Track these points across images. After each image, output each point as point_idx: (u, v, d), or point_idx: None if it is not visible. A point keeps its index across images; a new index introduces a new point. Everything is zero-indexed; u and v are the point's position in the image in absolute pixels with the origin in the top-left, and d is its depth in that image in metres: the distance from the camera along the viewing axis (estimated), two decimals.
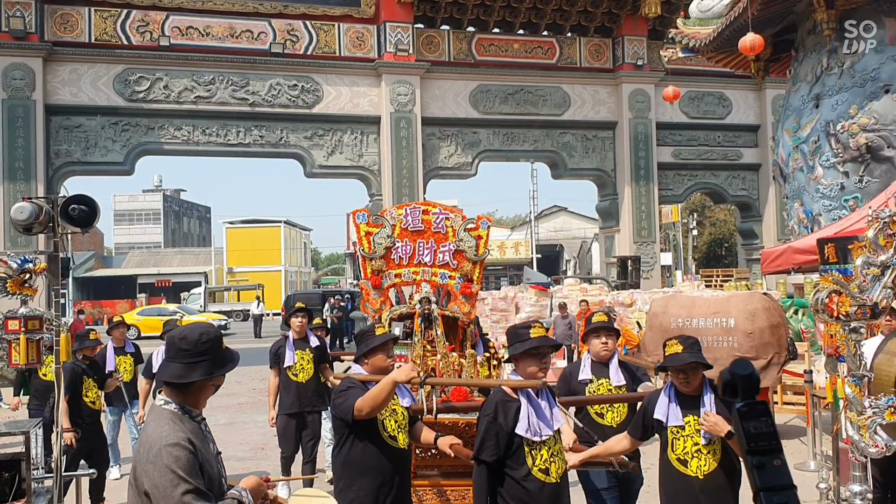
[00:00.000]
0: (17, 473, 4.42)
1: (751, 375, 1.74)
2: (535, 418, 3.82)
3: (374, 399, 3.96)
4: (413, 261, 6.53)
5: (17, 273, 3.86)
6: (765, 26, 12.63)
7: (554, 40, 22.16)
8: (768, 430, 1.70)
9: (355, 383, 4.21)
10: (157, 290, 52.59)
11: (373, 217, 6.53)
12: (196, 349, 2.77)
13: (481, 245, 6.57)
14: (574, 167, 22.27)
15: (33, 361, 3.87)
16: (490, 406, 3.88)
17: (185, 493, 2.55)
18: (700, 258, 48.90)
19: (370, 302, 6.41)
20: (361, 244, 6.50)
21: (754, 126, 23.56)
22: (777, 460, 1.67)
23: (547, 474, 3.81)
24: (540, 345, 3.88)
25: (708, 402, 3.94)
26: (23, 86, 17.90)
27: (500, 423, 3.79)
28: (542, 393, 3.94)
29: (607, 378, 5.13)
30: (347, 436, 4.15)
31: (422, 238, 6.55)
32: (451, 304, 6.51)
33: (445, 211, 6.67)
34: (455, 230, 6.55)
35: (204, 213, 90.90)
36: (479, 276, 6.66)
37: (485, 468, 3.81)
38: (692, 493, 3.94)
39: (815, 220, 12.32)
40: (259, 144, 20.05)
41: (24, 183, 17.77)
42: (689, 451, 3.96)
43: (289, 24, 20.00)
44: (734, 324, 9.47)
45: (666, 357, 4.07)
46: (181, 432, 2.68)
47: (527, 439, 3.77)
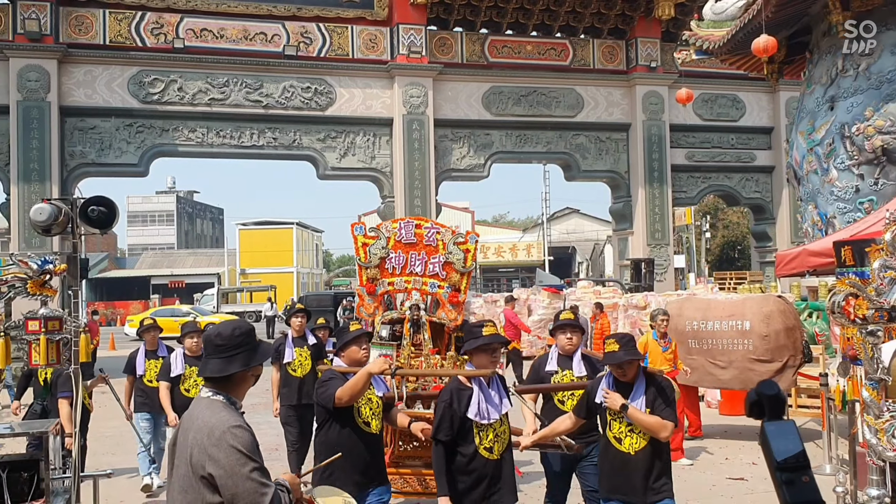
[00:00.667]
0: (35, 473, 4.46)
1: (777, 395, 1.74)
2: (484, 404, 4.42)
3: (351, 389, 4.55)
4: (405, 270, 7.20)
5: (37, 274, 3.89)
6: (779, 28, 12.60)
7: (567, 42, 22.14)
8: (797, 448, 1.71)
9: (336, 375, 4.80)
10: (171, 291, 52.83)
11: (370, 229, 7.24)
12: (231, 343, 2.90)
13: (469, 258, 7.25)
14: (587, 169, 22.23)
15: (53, 362, 3.91)
16: (447, 393, 4.50)
17: (252, 469, 2.67)
18: (713, 261, 48.71)
19: (364, 307, 7.04)
20: (358, 254, 7.20)
21: (768, 128, 23.47)
22: (806, 476, 1.68)
23: (491, 452, 4.42)
24: (490, 341, 4.49)
25: (639, 389, 4.52)
26: (38, 87, 18.02)
27: (454, 408, 4.40)
28: (493, 382, 4.54)
29: (571, 369, 5.73)
30: (328, 420, 4.73)
31: (414, 250, 7.21)
32: (439, 312, 7.18)
33: (436, 226, 7.45)
34: (445, 244, 7.24)
35: (217, 215, 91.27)
36: (465, 286, 7.32)
37: (441, 447, 4.40)
38: (626, 466, 4.49)
39: (830, 223, 12.27)
40: (272, 146, 20.11)
41: (39, 184, 17.89)
42: (623, 431, 4.51)
43: (302, 26, 20.07)
44: (749, 326, 9.44)
45: (605, 355, 4.59)
46: (239, 417, 2.82)
47: (476, 422, 4.38)
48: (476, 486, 4.40)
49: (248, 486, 2.64)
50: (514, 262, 54.23)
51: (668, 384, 4.76)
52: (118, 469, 6.58)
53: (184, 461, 2.78)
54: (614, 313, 16.92)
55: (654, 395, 4.52)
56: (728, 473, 8.45)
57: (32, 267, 3.89)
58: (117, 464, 7.75)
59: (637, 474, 4.47)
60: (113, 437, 10.81)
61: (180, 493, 2.77)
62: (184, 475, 2.77)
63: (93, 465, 7.56)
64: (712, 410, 11.98)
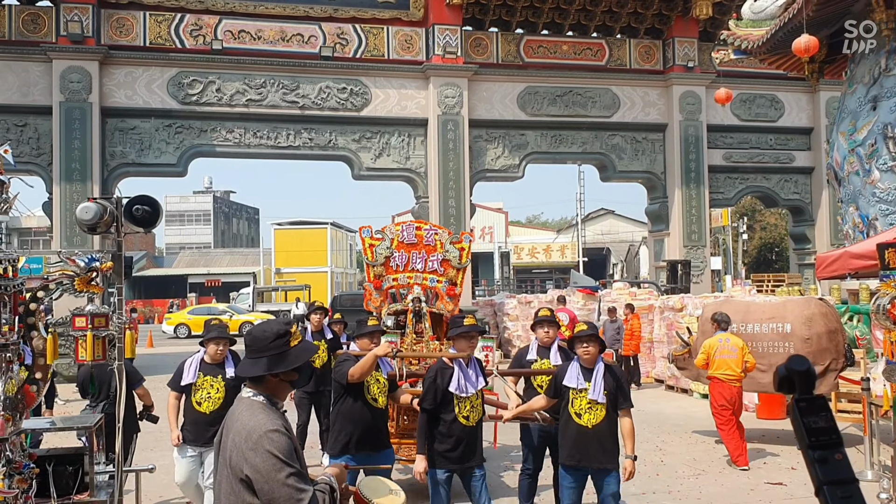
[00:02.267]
0: (80, 467, 4.54)
1: (807, 371, 1.71)
2: (463, 380, 5.41)
3: (361, 367, 5.58)
4: (408, 267, 8.11)
5: (84, 271, 3.96)
6: (820, 27, 12.42)
7: (603, 42, 22.02)
8: (828, 425, 1.68)
9: (350, 357, 5.90)
10: (207, 289, 53.45)
11: (375, 232, 8.23)
12: (257, 345, 2.89)
13: (464, 255, 8.23)
14: (623, 169, 22.09)
15: (99, 358, 3.98)
16: (432, 371, 5.55)
17: (288, 475, 2.67)
18: (750, 263, 48.14)
19: (372, 300, 7.96)
20: (366, 254, 8.15)
21: (807, 129, 23.13)
22: (838, 454, 1.65)
23: (468, 420, 5.41)
24: (469, 329, 5.55)
25: (597, 373, 5.46)
26: (80, 88, 18.34)
27: (437, 383, 5.41)
28: (472, 363, 5.56)
29: (548, 358, 6.69)
30: (342, 395, 5.78)
31: (415, 249, 8.12)
32: (438, 303, 8.13)
33: (434, 228, 8.45)
34: (442, 243, 8.18)
35: (253, 215, 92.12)
36: (461, 281, 8.26)
37: (425, 414, 5.42)
38: (584, 438, 5.43)
39: (871, 225, 12.06)
40: (308, 147, 20.25)
41: (81, 184, 18.19)
42: (583, 408, 5.47)
43: (339, 27, 20.18)
44: (791, 329, 9.32)
45: (576, 332, 5.58)
46: (278, 420, 2.81)
47: (456, 395, 5.37)
48: (455, 447, 5.34)
49: (284, 492, 2.65)
50: (547, 263, 54.04)
51: (622, 372, 5.93)
52: (160, 464, 6.66)
53: (225, 463, 2.81)
54: (650, 315, 16.77)
55: (612, 381, 5.49)
56: (766, 478, 8.35)
57: (80, 264, 3.97)
58: (157, 459, 7.85)
59: (594, 444, 5.42)
60: (154, 433, 10.96)
61: (225, 496, 2.80)
62: (226, 477, 2.80)
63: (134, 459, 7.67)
64: (749, 414, 11.84)
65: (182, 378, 6.41)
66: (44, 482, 4.28)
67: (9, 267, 3.77)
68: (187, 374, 6.40)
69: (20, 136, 18.30)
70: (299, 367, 2.94)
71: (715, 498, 7.67)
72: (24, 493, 3.73)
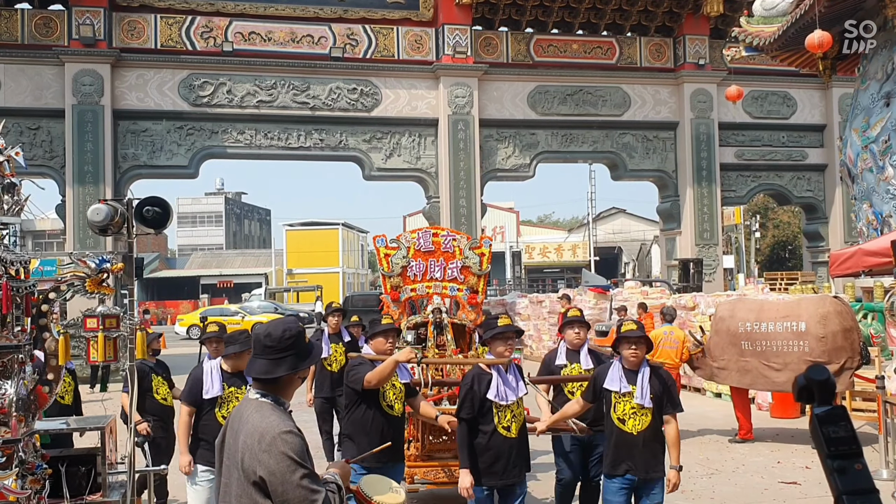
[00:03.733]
0: (93, 468, 4.56)
1: (827, 381, 1.70)
2: (502, 387, 4.97)
3: (379, 374, 5.10)
4: (426, 277, 7.67)
5: (95, 272, 3.98)
6: (832, 23, 12.34)
7: (614, 40, 21.96)
8: (848, 434, 1.67)
9: (364, 361, 5.38)
10: (219, 290, 53.66)
11: (390, 240, 7.73)
12: (280, 345, 2.89)
13: (484, 261, 7.73)
14: (634, 168, 22.02)
15: (110, 358, 4.00)
16: (469, 377, 5.12)
17: (302, 476, 2.68)
18: (763, 261, 47.91)
19: (390, 313, 7.27)
20: (381, 264, 7.68)
21: (820, 126, 22.98)
22: (858, 464, 1.63)
23: (508, 431, 4.99)
24: (505, 330, 5.13)
25: (643, 375, 5.05)
26: (92, 91, 18.43)
27: (475, 390, 4.97)
28: (511, 368, 5.11)
29: (579, 363, 6.27)
30: (356, 401, 5.32)
31: (433, 257, 7.68)
32: (459, 313, 7.65)
33: (452, 233, 7.97)
34: (461, 249, 7.71)
35: (264, 216, 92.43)
36: (483, 288, 7.76)
37: (464, 424, 5.00)
38: (629, 445, 5.04)
39: (885, 222, 11.99)
40: (319, 147, 20.28)
41: (93, 186, 18.29)
42: (627, 413, 5.07)
43: (348, 28, 20.21)
44: (805, 328, 9.24)
45: (622, 332, 5.14)
46: (289, 420, 2.83)
47: (495, 403, 4.94)
48: (496, 461, 4.94)
49: (298, 494, 2.66)
50: (559, 262, 53.97)
51: (669, 376, 5.33)
52: (172, 465, 6.68)
53: (235, 465, 2.79)
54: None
55: (659, 386, 5.07)
56: (780, 477, 8.31)
57: (91, 266, 3.98)
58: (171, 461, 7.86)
59: (638, 451, 5.02)
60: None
61: (236, 498, 2.79)
62: (237, 480, 2.78)
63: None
64: (763, 413, 11.78)
65: (204, 390, 5.62)
66: (57, 483, 4.30)
67: (21, 269, 3.79)
68: (210, 385, 5.63)
69: (33, 139, 18.41)
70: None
71: (728, 497, 7.63)
72: (37, 494, 3.75)
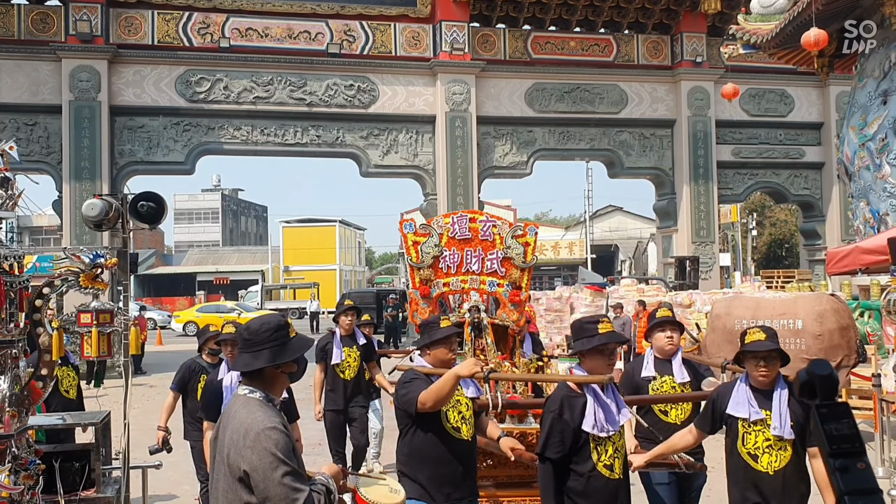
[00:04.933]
0: (87, 463, 4.54)
1: (830, 376, 1.67)
2: (601, 414, 3.73)
3: (437, 393, 3.95)
4: (461, 269, 6.50)
5: (89, 268, 3.97)
6: (829, 21, 12.34)
7: (611, 38, 21.95)
8: (850, 432, 1.63)
9: (419, 375, 4.20)
10: (216, 287, 53.54)
11: (420, 226, 6.44)
12: (257, 338, 2.88)
13: (529, 252, 6.50)
14: (631, 166, 22.03)
15: (104, 354, 3.98)
16: (556, 401, 3.80)
17: (284, 474, 2.66)
18: (760, 259, 47.94)
19: (419, 312, 6.32)
20: (409, 254, 6.46)
21: (817, 124, 23.01)
22: (861, 463, 1.60)
23: (611, 470, 3.77)
24: (608, 341, 3.81)
25: (780, 398, 3.94)
26: (89, 87, 18.40)
27: (565, 420, 3.72)
28: (608, 388, 3.85)
29: (671, 375, 5.03)
30: (410, 426, 4.16)
31: (469, 246, 6.50)
32: (499, 312, 6.49)
33: (493, 218, 6.61)
34: (502, 237, 6.50)
35: (261, 213, 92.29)
36: (527, 283, 6.57)
37: (550, 465, 3.76)
38: (764, 486, 3.93)
39: (882, 220, 12.00)
40: (316, 144, 20.28)
41: (90, 182, 18.26)
42: (759, 447, 3.95)
43: (345, 24, 20.18)
44: (802, 325, 9.24)
45: (747, 344, 4.02)
46: (275, 417, 2.80)
47: (593, 435, 3.71)
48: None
49: (279, 491, 2.64)
50: (556, 259, 53.94)
51: None
52: (166, 461, 6.66)
53: (223, 461, 2.79)
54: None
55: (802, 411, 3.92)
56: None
57: (84, 261, 3.97)
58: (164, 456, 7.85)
59: (776, 495, 3.92)
60: None
61: (222, 494, 2.79)
62: (224, 475, 2.78)
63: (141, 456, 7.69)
64: None
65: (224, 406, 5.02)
66: (50, 478, 4.29)
67: (15, 264, 3.78)
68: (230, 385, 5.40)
69: (30, 134, 18.39)
70: (298, 359, 2.94)
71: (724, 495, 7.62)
72: (31, 490, 3.74)
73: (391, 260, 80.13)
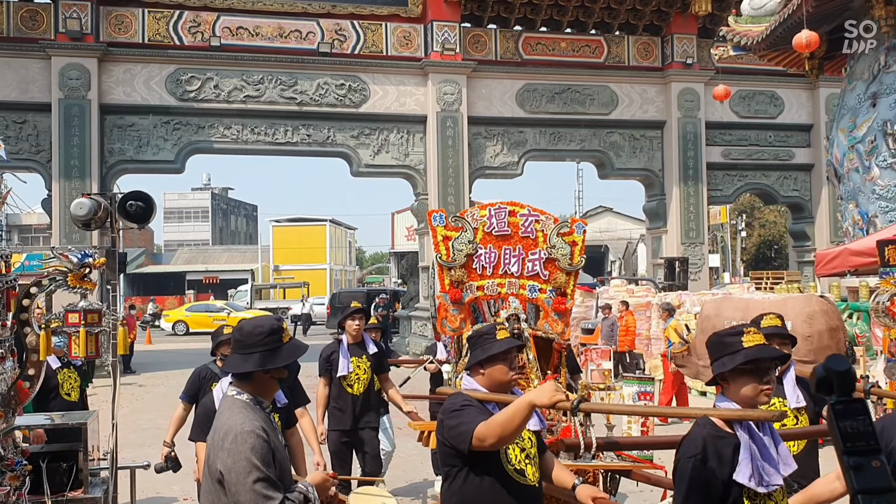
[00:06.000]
0: (74, 464, 4.52)
1: (847, 372, 1.63)
2: (760, 461, 2.75)
3: (503, 426, 2.99)
4: (497, 271, 5.58)
5: (77, 267, 3.94)
6: (819, 23, 12.40)
7: (602, 39, 21.98)
8: (866, 430, 1.60)
9: (471, 402, 3.27)
10: (205, 286, 53.38)
11: (452, 218, 5.62)
12: (249, 340, 2.84)
13: (576, 252, 5.68)
14: (621, 167, 22.06)
15: (92, 354, 3.96)
16: (696, 444, 2.78)
17: (256, 480, 2.60)
18: (749, 260, 48.14)
19: (448, 319, 5.44)
20: (438, 250, 5.51)
21: (807, 125, 23.10)
22: (876, 461, 1.57)
23: None
24: (759, 356, 2.80)
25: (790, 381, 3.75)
26: (79, 85, 18.30)
27: (710, 469, 2.74)
28: (763, 425, 2.87)
29: (782, 397, 4.08)
30: (460, 468, 3.24)
31: (508, 244, 5.59)
32: (540, 322, 5.57)
33: (535, 212, 5.75)
34: (546, 235, 5.64)
35: (251, 212, 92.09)
36: (572, 290, 5.72)
37: None
38: None
39: (871, 222, 12.06)
40: (306, 143, 20.22)
41: (79, 181, 18.15)
42: None
43: (337, 23, 20.14)
44: (791, 327, 9.24)
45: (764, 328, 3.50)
46: (256, 420, 2.74)
47: (749, 490, 2.72)
48: None
49: (249, 498, 2.59)
50: None
51: None
52: (154, 461, 6.64)
53: (207, 462, 2.79)
54: (647, 312, 16.77)
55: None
56: None
57: (73, 260, 3.94)
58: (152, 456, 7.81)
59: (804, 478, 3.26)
60: (149, 430, 10.96)
61: (205, 494, 2.78)
62: (206, 476, 2.78)
63: (129, 456, 7.65)
64: None
65: None
66: (37, 479, 4.26)
67: (2, 263, 3.75)
68: None
69: (19, 133, 18.28)
70: (289, 365, 2.89)
71: None
72: (17, 490, 3.71)
73: (381, 260, 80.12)
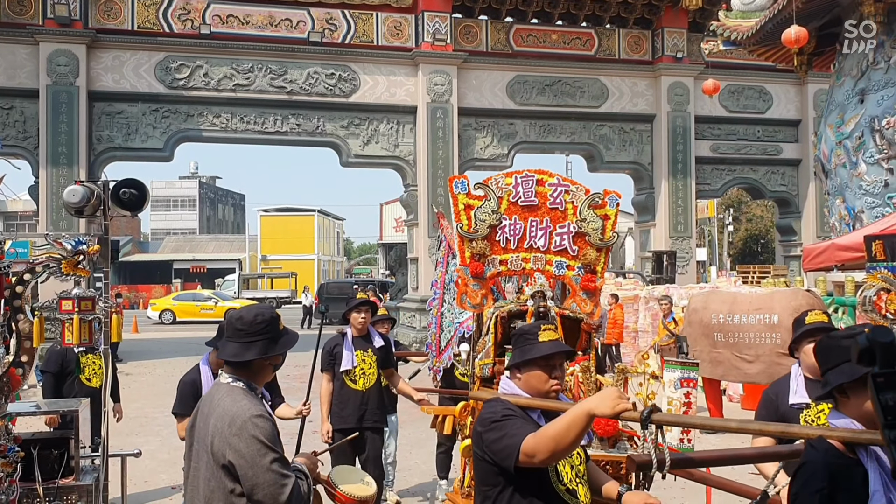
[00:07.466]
0: (65, 451, 4.53)
1: (892, 343, 1.59)
2: (892, 493, 2.19)
3: (556, 440, 2.54)
4: (523, 244, 5.12)
5: (71, 254, 3.94)
6: (809, 19, 12.46)
7: (593, 31, 22.00)
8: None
9: (514, 410, 2.85)
10: (192, 275, 53.28)
11: (475, 185, 5.12)
12: (251, 329, 2.89)
13: (608, 227, 5.16)
14: (610, 160, 22.12)
15: (86, 341, 3.97)
16: (819, 475, 2.24)
17: (273, 461, 2.68)
18: (735, 254, 48.40)
19: (469, 295, 4.98)
20: (460, 220, 5.02)
21: (795, 121, 23.22)
22: None
23: None
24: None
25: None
26: (67, 72, 18.17)
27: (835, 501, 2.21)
28: None
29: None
30: (504, 488, 2.80)
31: (534, 216, 5.12)
32: (567, 302, 5.16)
33: (565, 182, 5.20)
34: (576, 207, 5.12)
35: (239, 201, 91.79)
36: (603, 267, 5.26)
37: None
38: None
39: (858, 218, 12.15)
40: (296, 132, 20.17)
41: (67, 168, 18.05)
42: None
43: (327, 12, 20.07)
44: (778, 320, 9.36)
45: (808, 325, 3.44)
46: (260, 405, 2.82)
47: None
48: None
49: (268, 478, 2.66)
50: None
51: None
52: (145, 449, 6.65)
53: (205, 448, 2.80)
54: (634, 305, 16.84)
55: None
56: (750, 468, 8.40)
57: (67, 248, 3.94)
58: (143, 444, 7.82)
59: None
60: (137, 419, 10.96)
61: (204, 482, 2.79)
62: (206, 463, 2.79)
63: (118, 444, 7.66)
64: (734, 404, 11.92)
65: None
66: (29, 466, 4.27)
67: None
68: None
69: (6, 119, 18.16)
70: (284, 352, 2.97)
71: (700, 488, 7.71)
72: (9, 477, 3.72)
73: (370, 251, 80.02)
